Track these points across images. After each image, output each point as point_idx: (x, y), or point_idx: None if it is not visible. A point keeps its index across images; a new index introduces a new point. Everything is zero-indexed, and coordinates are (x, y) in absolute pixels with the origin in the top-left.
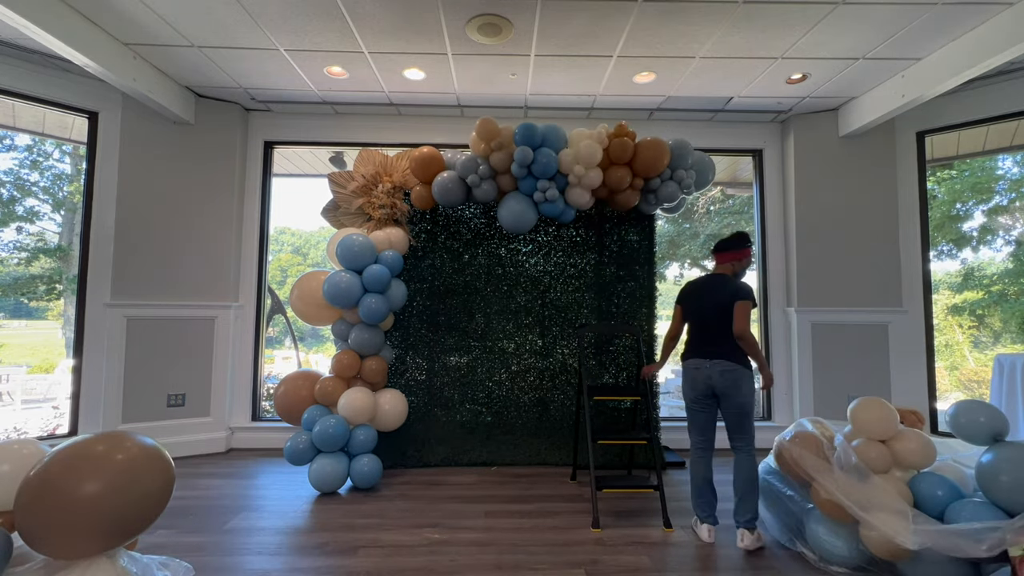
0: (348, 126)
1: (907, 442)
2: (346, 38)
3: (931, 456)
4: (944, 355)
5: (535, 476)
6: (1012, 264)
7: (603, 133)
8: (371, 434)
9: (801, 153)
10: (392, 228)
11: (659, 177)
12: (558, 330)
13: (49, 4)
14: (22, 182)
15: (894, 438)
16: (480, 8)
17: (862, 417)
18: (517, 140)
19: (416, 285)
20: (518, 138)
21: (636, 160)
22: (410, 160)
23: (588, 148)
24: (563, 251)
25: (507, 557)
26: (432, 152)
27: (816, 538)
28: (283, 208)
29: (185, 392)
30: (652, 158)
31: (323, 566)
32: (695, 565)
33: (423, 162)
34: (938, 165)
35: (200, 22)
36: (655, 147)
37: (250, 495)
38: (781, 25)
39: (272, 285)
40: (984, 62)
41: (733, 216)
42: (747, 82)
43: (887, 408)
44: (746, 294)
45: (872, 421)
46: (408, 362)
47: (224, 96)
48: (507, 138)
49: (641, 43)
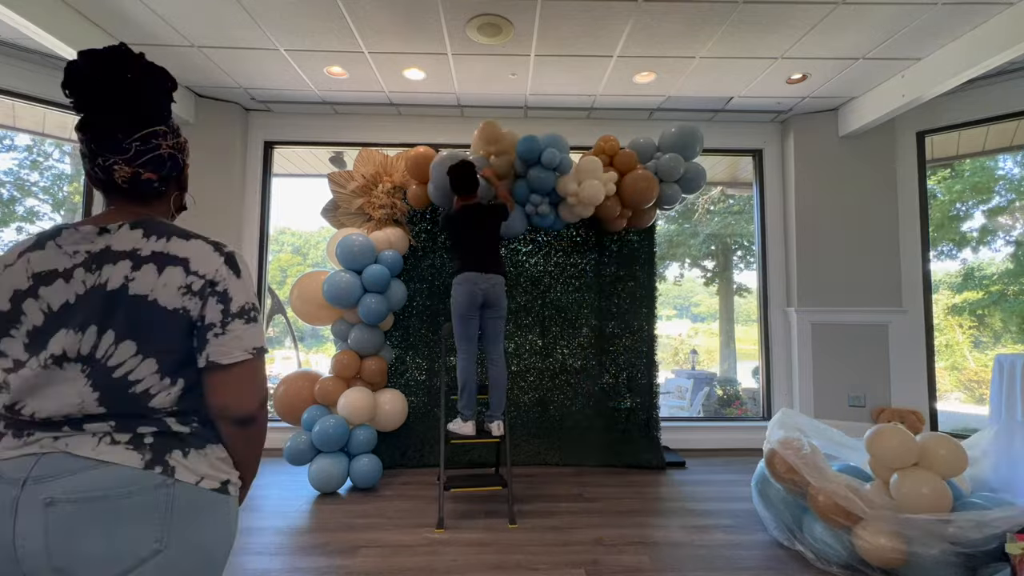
0: (348, 126)
1: (936, 456)
2: (346, 38)
3: (964, 460)
4: (944, 355)
5: (535, 476)
6: (1012, 264)
7: (611, 178)
8: (371, 434)
9: (801, 153)
10: (392, 228)
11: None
12: (558, 330)
13: (49, 4)
14: (22, 182)
15: (922, 459)
16: (480, 8)
17: (880, 448)
18: (519, 151)
19: (416, 285)
20: (520, 149)
21: (624, 192)
22: (406, 160)
23: (592, 189)
24: (563, 251)
25: (507, 557)
26: (427, 152)
27: (813, 537)
28: (283, 208)
29: None
30: (642, 189)
31: (323, 566)
32: (695, 565)
33: (418, 162)
34: (938, 165)
35: (200, 22)
36: (644, 180)
37: (250, 495)
38: (781, 25)
39: (272, 285)
40: (984, 62)
41: (733, 216)
42: (747, 82)
43: (904, 435)
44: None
45: (891, 450)
46: (408, 362)
47: (224, 96)
48: (509, 144)
49: (641, 43)
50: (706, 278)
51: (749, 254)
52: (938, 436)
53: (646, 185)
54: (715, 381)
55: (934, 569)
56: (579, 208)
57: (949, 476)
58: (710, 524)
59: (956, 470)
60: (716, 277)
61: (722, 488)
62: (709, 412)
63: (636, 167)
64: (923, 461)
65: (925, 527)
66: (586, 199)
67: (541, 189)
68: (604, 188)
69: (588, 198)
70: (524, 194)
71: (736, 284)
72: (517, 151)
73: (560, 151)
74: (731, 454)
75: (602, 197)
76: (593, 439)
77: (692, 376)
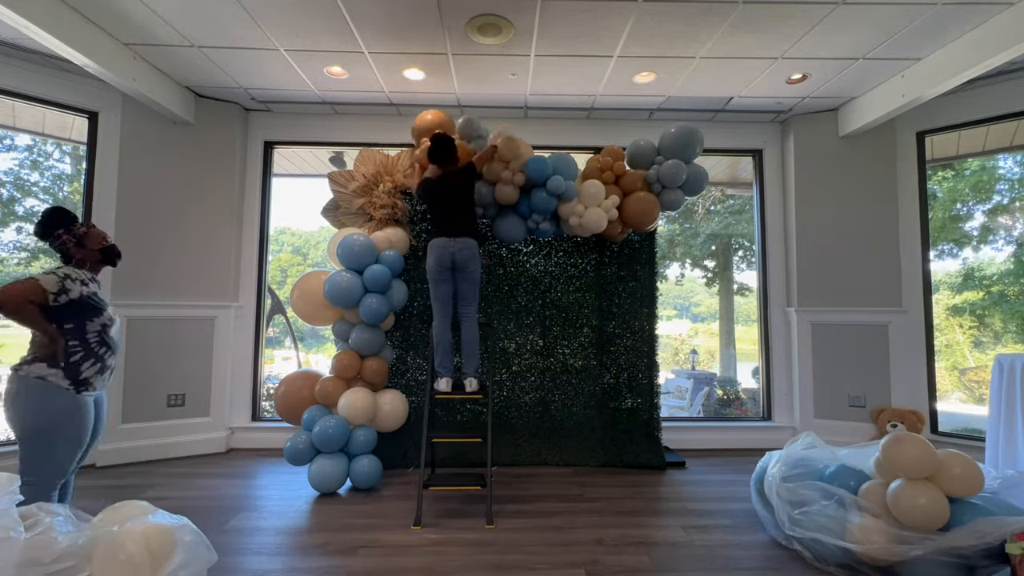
0: (348, 126)
1: (951, 474)
2: (346, 38)
3: (979, 481)
4: (944, 355)
5: (535, 476)
6: (1012, 264)
7: (613, 204)
8: (371, 434)
9: (801, 153)
10: (393, 228)
11: None
12: (559, 330)
13: (49, 4)
14: (22, 182)
15: (935, 474)
16: (480, 8)
17: (899, 457)
18: (527, 170)
19: (417, 285)
20: (528, 169)
21: (625, 213)
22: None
23: (594, 216)
24: (564, 251)
25: (507, 557)
26: (439, 115)
27: (809, 537)
28: (283, 208)
29: (185, 392)
30: (643, 211)
31: (323, 566)
32: (695, 565)
33: (429, 130)
34: (938, 165)
35: (200, 22)
36: (646, 203)
37: (250, 495)
38: (781, 25)
39: (272, 285)
40: (984, 62)
41: (733, 216)
42: (747, 82)
43: (926, 448)
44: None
45: (909, 459)
46: (408, 362)
47: (224, 96)
48: (523, 152)
49: (641, 43)
50: (707, 278)
51: (750, 254)
52: (957, 455)
53: (647, 207)
54: (715, 381)
55: (931, 569)
56: (579, 231)
57: (959, 495)
58: (710, 524)
59: (969, 491)
60: (716, 277)
61: (722, 488)
62: (709, 412)
63: (640, 187)
64: (936, 476)
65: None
66: (588, 226)
67: (543, 211)
68: (606, 215)
69: (589, 226)
70: (526, 211)
71: (736, 284)
72: (526, 169)
73: (567, 177)
74: (731, 454)
75: (604, 225)
76: (594, 439)
77: (692, 376)
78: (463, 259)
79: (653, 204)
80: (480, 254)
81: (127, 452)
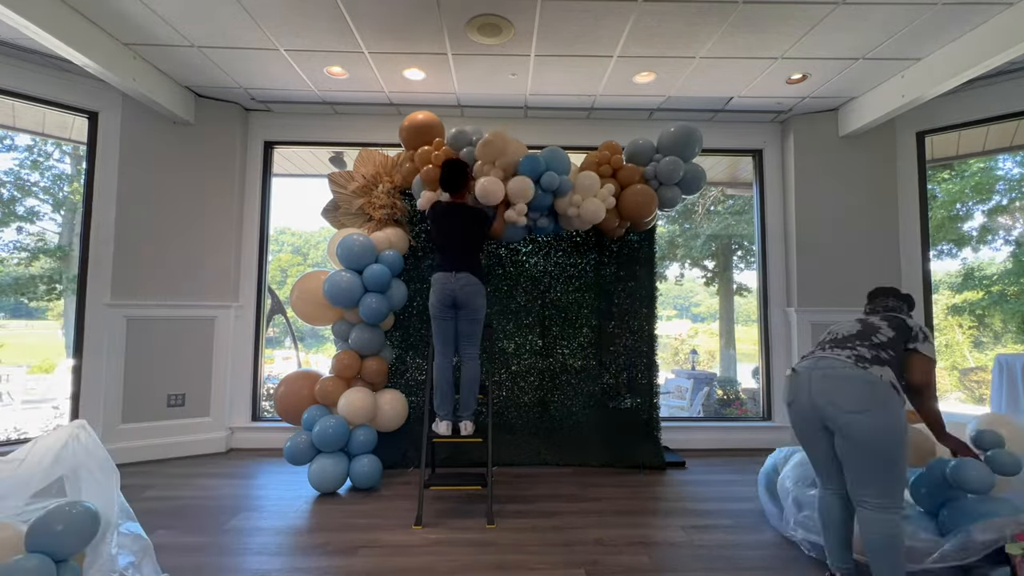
0: (348, 126)
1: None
2: (346, 38)
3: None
4: (944, 355)
5: (535, 476)
6: (1012, 264)
7: (609, 192)
8: (371, 434)
9: (801, 153)
10: (392, 228)
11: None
12: (558, 330)
13: (49, 4)
14: (22, 182)
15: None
16: (480, 8)
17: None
18: (520, 170)
19: (416, 285)
20: (521, 169)
21: (623, 206)
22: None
23: (592, 206)
24: (563, 251)
25: (507, 557)
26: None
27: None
28: (283, 208)
29: (185, 392)
30: (641, 204)
31: (323, 566)
32: (695, 565)
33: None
34: (938, 165)
35: (200, 22)
36: (643, 195)
37: (250, 495)
38: (781, 25)
39: (272, 285)
40: (984, 62)
41: (733, 216)
42: (747, 82)
43: (922, 436)
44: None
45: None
46: (408, 362)
47: (224, 96)
48: (516, 151)
49: (641, 43)
50: (706, 278)
51: (749, 254)
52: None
53: (644, 200)
54: (715, 381)
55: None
56: (578, 223)
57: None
58: (710, 524)
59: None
60: (716, 277)
61: (722, 488)
62: (709, 412)
63: (637, 180)
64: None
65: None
66: (586, 217)
67: (540, 207)
68: (604, 204)
69: (588, 216)
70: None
71: (736, 284)
72: (519, 170)
73: (560, 172)
74: (731, 454)
75: (603, 215)
76: (593, 439)
77: (692, 376)
78: (465, 297)
79: (651, 197)
80: (484, 292)
81: (127, 452)
